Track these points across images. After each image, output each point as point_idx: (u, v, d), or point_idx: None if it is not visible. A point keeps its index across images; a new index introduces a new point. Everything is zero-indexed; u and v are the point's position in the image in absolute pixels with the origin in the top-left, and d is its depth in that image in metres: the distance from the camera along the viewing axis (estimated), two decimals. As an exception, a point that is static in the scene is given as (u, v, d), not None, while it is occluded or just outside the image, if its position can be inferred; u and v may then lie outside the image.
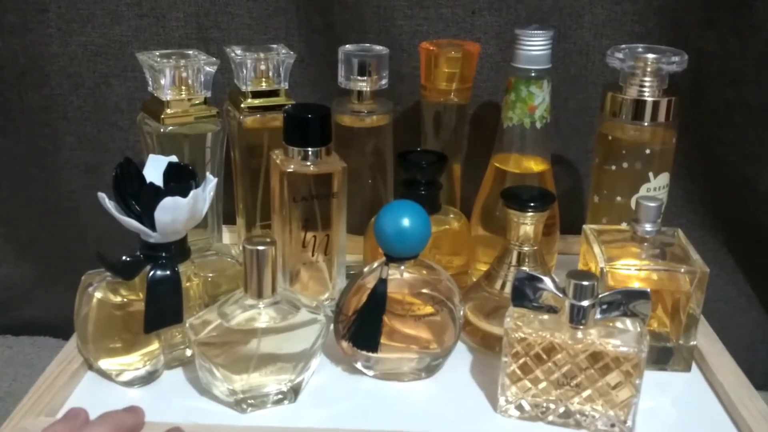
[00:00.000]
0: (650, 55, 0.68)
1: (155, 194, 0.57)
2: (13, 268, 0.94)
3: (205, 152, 0.71)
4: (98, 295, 0.60)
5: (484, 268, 0.71)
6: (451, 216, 0.72)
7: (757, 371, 0.85)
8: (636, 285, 0.63)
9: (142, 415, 0.56)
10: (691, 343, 0.64)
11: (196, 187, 0.59)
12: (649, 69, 0.68)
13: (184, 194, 0.57)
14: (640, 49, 0.70)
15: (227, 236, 0.82)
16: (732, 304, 0.89)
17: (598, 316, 0.56)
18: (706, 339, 0.68)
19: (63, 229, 0.91)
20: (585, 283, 0.55)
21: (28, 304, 0.95)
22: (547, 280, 0.57)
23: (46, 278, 0.94)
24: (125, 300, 0.60)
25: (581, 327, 0.56)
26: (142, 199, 0.58)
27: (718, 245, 0.89)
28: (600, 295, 0.56)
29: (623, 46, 0.70)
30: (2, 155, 0.88)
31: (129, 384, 0.62)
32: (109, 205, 0.58)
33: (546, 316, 0.58)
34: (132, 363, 0.61)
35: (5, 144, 0.87)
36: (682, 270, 0.62)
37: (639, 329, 0.56)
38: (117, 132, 0.86)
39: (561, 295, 0.56)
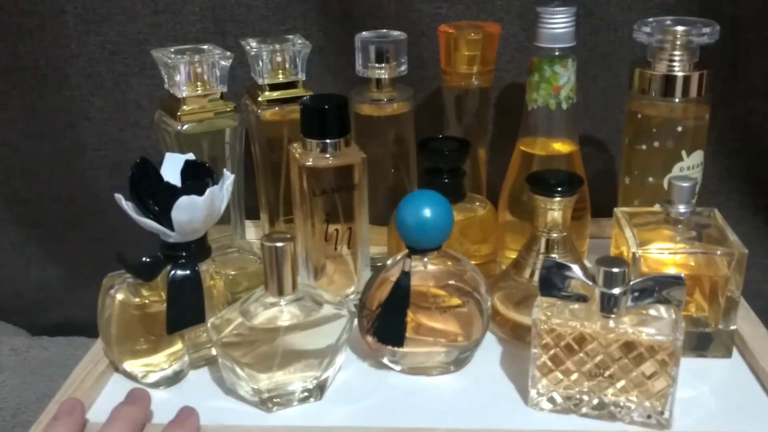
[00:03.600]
0: (679, 28, 0.65)
1: (171, 193, 0.56)
2: (46, 269, 0.94)
3: (225, 148, 0.70)
4: (120, 296, 0.59)
5: (513, 255, 0.69)
6: (477, 203, 0.70)
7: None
8: (672, 270, 0.60)
9: (148, 399, 0.57)
10: (731, 327, 0.62)
11: (214, 184, 0.58)
12: (678, 42, 0.65)
13: (201, 192, 0.56)
14: (668, 22, 0.66)
15: (252, 231, 0.81)
16: (777, 284, 0.86)
17: (630, 303, 0.54)
18: (747, 323, 0.65)
19: (92, 229, 0.91)
20: (615, 270, 0.53)
21: (62, 305, 0.95)
22: (575, 267, 0.55)
23: (79, 279, 0.94)
24: (147, 301, 0.59)
25: (613, 316, 0.53)
26: (158, 199, 0.57)
27: (759, 223, 0.85)
28: (631, 282, 0.53)
29: (651, 19, 0.67)
30: (29, 157, 0.88)
31: (155, 385, 0.61)
32: (126, 206, 0.57)
33: (576, 305, 0.56)
34: (156, 364, 0.61)
35: (32, 146, 0.87)
36: (719, 252, 0.60)
37: (674, 316, 0.54)
38: (139, 130, 0.85)
39: (591, 283, 0.54)
